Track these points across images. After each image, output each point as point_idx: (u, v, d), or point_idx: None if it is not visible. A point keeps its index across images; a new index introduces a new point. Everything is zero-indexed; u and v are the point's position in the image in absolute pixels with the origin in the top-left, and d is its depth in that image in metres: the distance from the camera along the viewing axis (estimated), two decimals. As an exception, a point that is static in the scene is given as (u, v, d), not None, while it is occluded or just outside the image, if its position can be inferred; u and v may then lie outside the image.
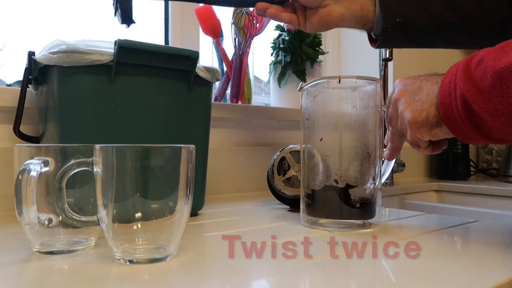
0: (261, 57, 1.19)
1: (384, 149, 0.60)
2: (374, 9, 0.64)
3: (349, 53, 1.47)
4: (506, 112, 0.41)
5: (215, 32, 1.02)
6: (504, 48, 0.42)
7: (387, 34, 0.64)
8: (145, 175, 0.39)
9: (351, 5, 0.65)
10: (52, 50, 0.54)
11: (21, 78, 0.64)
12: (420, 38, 0.66)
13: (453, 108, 0.45)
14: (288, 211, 0.72)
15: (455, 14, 0.62)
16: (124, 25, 0.65)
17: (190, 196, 0.41)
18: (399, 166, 1.21)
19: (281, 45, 1.12)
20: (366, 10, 0.64)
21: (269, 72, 1.20)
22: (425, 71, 0.53)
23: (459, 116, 0.45)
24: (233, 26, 1.03)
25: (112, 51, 0.56)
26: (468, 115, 0.44)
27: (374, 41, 0.69)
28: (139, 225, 0.39)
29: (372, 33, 0.69)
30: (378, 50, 1.18)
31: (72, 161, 0.40)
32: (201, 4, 0.99)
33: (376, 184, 0.57)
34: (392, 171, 1.20)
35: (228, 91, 1.04)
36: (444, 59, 1.56)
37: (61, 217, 0.41)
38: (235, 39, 1.03)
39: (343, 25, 0.67)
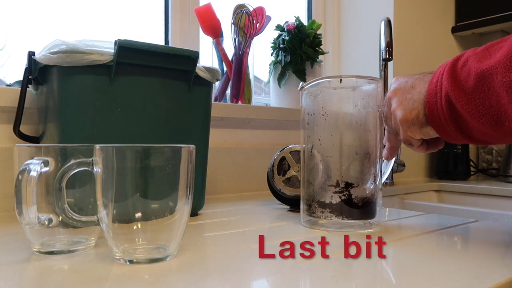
0: (261, 57, 1.19)
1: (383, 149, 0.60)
2: None
3: (349, 53, 1.47)
4: (487, 114, 0.42)
5: (215, 32, 1.03)
6: (488, 50, 0.43)
7: None
8: (145, 175, 0.39)
9: None
10: (52, 50, 0.54)
11: (21, 78, 0.64)
12: None
13: (438, 108, 0.46)
14: (288, 211, 0.72)
15: None
16: None
17: (190, 196, 0.41)
18: (399, 166, 1.21)
19: (281, 45, 1.12)
20: None
21: (269, 72, 1.20)
22: (420, 72, 0.53)
23: (443, 116, 0.45)
24: (233, 26, 1.03)
25: (112, 51, 0.56)
26: (451, 115, 0.45)
27: None
28: (139, 225, 0.39)
29: None
30: (378, 50, 1.17)
31: (72, 161, 0.40)
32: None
33: (377, 184, 0.57)
34: (392, 171, 1.20)
35: (228, 91, 1.04)
36: (444, 59, 1.56)
37: (61, 217, 0.41)
38: (235, 39, 1.03)
39: None
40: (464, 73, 0.43)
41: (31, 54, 0.60)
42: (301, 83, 0.59)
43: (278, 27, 1.13)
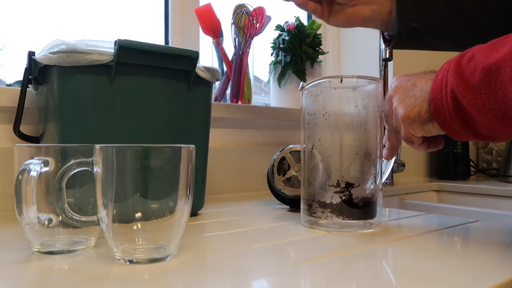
0: (261, 57, 1.19)
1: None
2: (391, 10, 0.64)
3: (349, 53, 1.47)
4: (493, 109, 0.42)
5: (215, 32, 1.02)
6: (495, 45, 0.43)
7: (401, 37, 0.65)
8: (145, 175, 0.39)
9: (380, 8, 0.64)
10: (52, 50, 0.54)
11: (21, 78, 0.64)
12: (431, 42, 0.67)
13: (443, 104, 0.45)
14: (288, 211, 0.72)
15: (466, 20, 0.62)
16: None
17: (190, 196, 0.41)
18: (399, 166, 1.21)
19: (281, 45, 1.12)
20: (385, 12, 0.64)
21: (269, 72, 1.20)
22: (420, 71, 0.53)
23: (449, 112, 0.45)
24: (233, 26, 1.03)
25: (112, 51, 0.55)
26: (457, 111, 0.45)
27: (388, 41, 0.69)
28: (139, 225, 0.39)
29: (385, 33, 0.69)
30: (378, 50, 1.18)
31: (72, 161, 0.40)
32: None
33: (377, 184, 0.57)
34: (392, 171, 1.20)
35: (228, 91, 1.04)
36: (444, 59, 1.56)
37: (61, 217, 0.41)
38: (235, 39, 1.03)
39: (368, 26, 0.67)
40: (470, 69, 0.43)
41: (31, 54, 0.60)
42: (301, 83, 0.59)
43: (278, 27, 1.13)
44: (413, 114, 0.49)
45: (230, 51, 1.04)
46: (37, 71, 0.59)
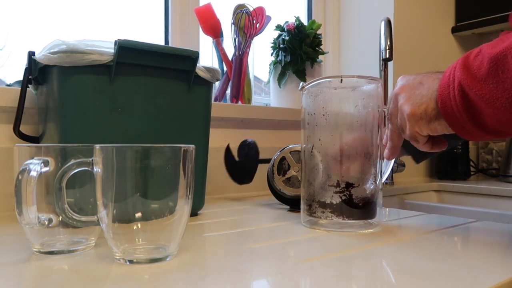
0: (261, 57, 1.19)
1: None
2: None
3: (349, 53, 1.47)
4: (501, 97, 0.42)
5: (215, 32, 1.03)
6: (502, 38, 0.43)
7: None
8: (145, 175, 0.39)
9: None
10: (52, 50, 0.54)
11: (21, 78, 0.64)
12: None
13: (450, 99, 0.45)
14: (288, 211, 0.72)
15: None
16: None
17: (190, 196, 0.41)
18: (399, 166, 1.21)
19: (281, 45, 1.12)
20: None
21: (269, 72, 1.20)
22: (425, 71, 0.53)
23: (456, 106, 0.45)
24: (233, 26, 1.03)
25: (112, 51, 0.55)
26: (464, 105, 0.45)
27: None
28: (139, 225, 0.39)
29: None
30: (378, 50, 1.18)
31: (72, 161, 0.40)
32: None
33: (377, 184, 0.57)
34: (392, 171, 1.20)
35: (228, 91, 1.04)
36: (444, 59, 1.56)
37: (61, 217, 0.41)
38: (235, 39, 1.03)
39: None
40: (477, 62, 0.44)
41: (31, 54, 0.60)
42: (301, 83, 0.59)
43: (278, 27, 1.13)
44: (419, 112, 0.49)
45: (230, 51, 1.04)
46: (37, 71, 0.59)
